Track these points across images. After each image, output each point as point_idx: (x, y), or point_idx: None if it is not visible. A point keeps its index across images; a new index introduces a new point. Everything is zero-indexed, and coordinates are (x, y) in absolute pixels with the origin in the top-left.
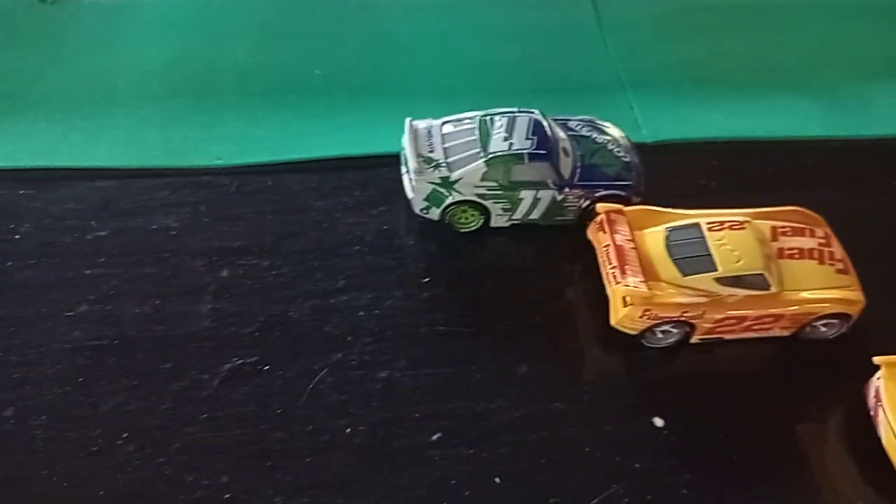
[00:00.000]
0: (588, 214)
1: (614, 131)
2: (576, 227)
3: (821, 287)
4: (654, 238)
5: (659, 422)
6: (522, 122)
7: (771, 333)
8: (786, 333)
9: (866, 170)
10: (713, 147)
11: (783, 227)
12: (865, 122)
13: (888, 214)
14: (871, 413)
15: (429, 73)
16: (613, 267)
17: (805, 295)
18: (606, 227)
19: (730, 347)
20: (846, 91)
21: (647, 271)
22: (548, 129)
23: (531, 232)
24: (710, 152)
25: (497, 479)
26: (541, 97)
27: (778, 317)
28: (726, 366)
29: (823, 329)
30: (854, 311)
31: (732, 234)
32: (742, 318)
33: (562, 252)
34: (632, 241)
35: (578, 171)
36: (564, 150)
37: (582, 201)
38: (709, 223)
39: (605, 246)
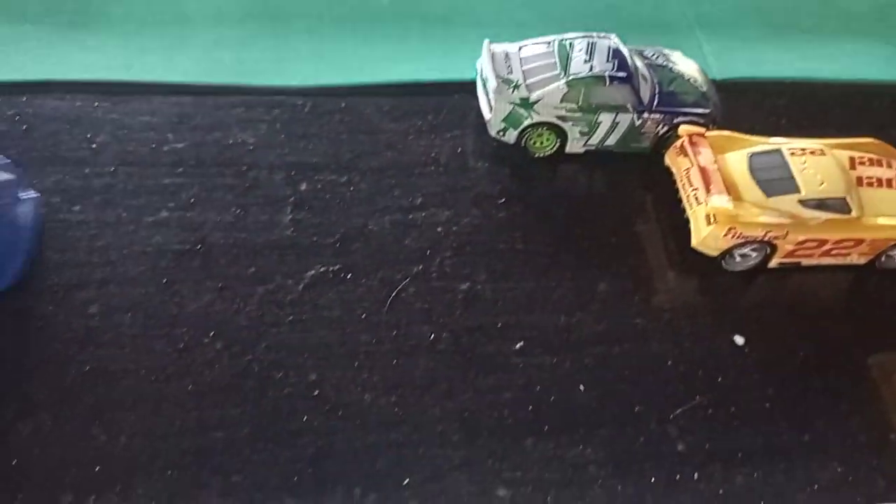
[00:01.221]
0: (662, 143)
1: (689, 63)
2: (648, 158)
3: None
4: (737, 162)
5: (740, 340)
6: (602, 46)
7: (848, 260)
8: (862, 261)
9: None
10: (781, 87)
11: (861, 157)
12: None
13: None
14: None
15: (499, 5)
16: (695, 189)
17: (885, 221)
18: (689, 150)
19: (807, 274)
20: None
21: (730, 193)
22: (627, 54)
23: (604, 160)
24: (779, 92)
25: (581, 387)
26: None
27: (858, 241)
28: (804, 291)
29: None
30: None
31: (814, 160)
32: (822, 242)
33: (636, 180)
34: (715, 162)
35: (657, 97)
36: (643, 76)
37: (660, 127)
38: (790, 149)
39: (687, 169)
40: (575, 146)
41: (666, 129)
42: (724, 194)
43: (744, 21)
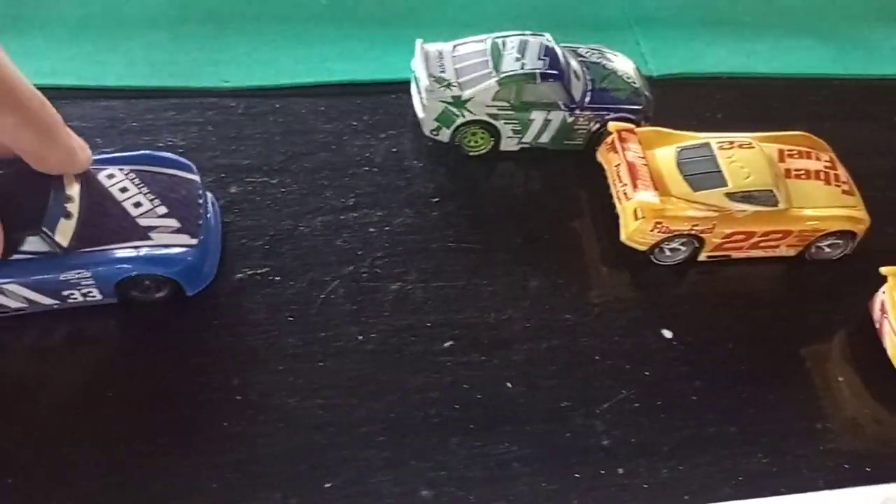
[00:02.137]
0: (596, 140)
1: (623, 59)
2: (584, 154)
3: (827, 206)
4: (666, 157)
5: (668, 333)
6: (535, 44)
7: (778, 252)
8: (792, 253)
9: (870, 107)
10: (719, 82)
11: (790, 149)
12: (869, 62)
13: (891, 146)
14: (877, 326)
15: (438, 5)
16: (624, 184)
17: (812, 212)
18: (618, 146)
19: (736, 267)
20: (851, 32)
21: (657, 188)
22: (559, 52)
23: (540, 157)
24: (716, 87)
25: (509, 384)
26: (548, 32)
27: (785, 233)
28: (734, 284)
29: (828, 249)
30: (859, 229)
31: (742, 153)
32: (750, 234)
33: (570, 177)
34: (643, 158)
35: (589, 94)
36: (575, 73)
37: (592, 124)
38: (719, 143)
39: (617, 165)
40: (509, 144)
41: (598, 126)
42: (651, 189)
43: (682, 18)
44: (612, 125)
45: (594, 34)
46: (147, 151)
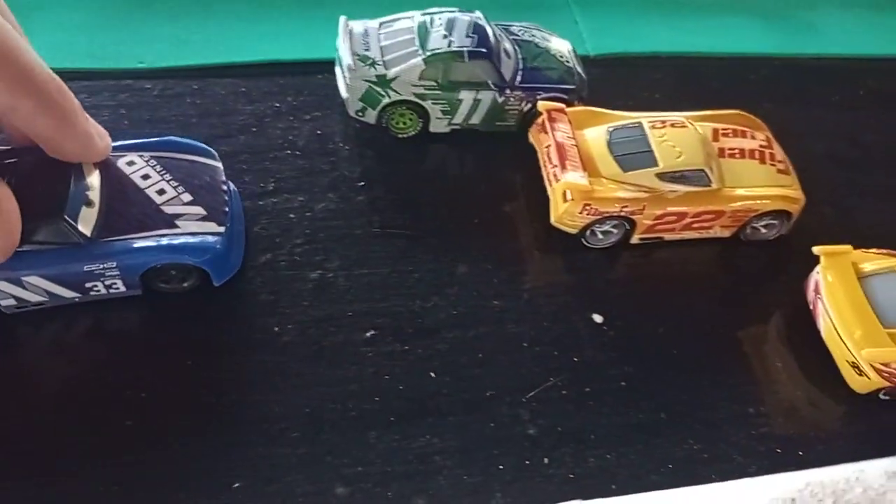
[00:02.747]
0: (530, 121)
1: (557, 39)
2: (517, 136)
3: (761, 185)
4: (596, 137)
5: (598, 318)
6: (463, 22)
7: (712, 233)
8: (727, 234)
9: (809, 86)
10: (658, 62)
11: (725, 128)
12: (809, 42)
13: (828, 127)
14: (811, 307)
15: None
16: (554, 166)
17: (745, 192)
18: (548, 127)
19: (671, 249)
20: (793, 11)
21: (588, 169)
22: (489, 29)
23: (472, 139)
24: (655, 67)
25: (433, 374)
26: (483, 11)
27: (718, 213)
28: (668, 266)
29: (764, 230)
30: (794, 208)
31: (674, 132)
32: (682, 215)
33: (503, 159)
34: (573, 139)
35: (520, 73)
36: (506, 51)
37: (523, 104)
38: (651, 122)
39: (547, 146)
40: (439, 126)
41: (530, 106)
42: (580, 170)
43: None
44: (541, 105)
45: (532, 13)
46: (168, 137)
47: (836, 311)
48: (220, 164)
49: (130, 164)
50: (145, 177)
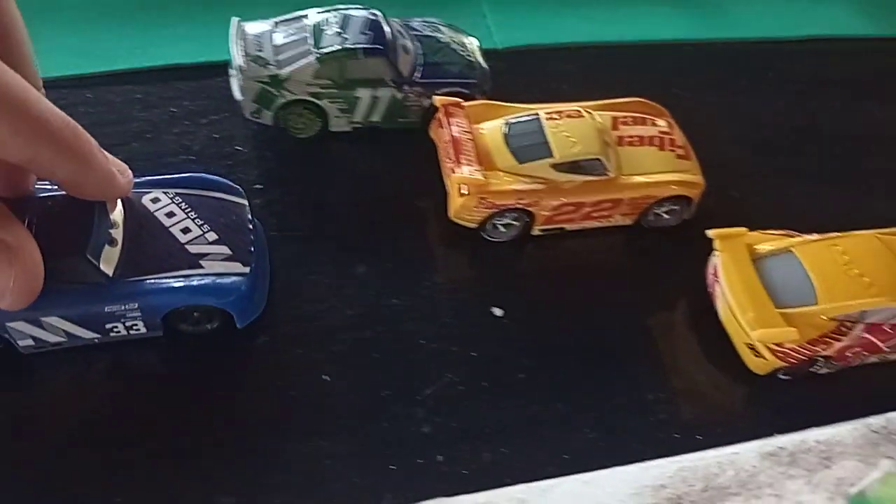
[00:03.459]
0: (431, 117)
1: (460, 33)
2: (422, 132)
3: (659, 171)
4: (493, 130)
5: (498, 312)
6: (358, 19)
7: (613, 222)
8: (628, 222)
9: (718, 71)
10: (567, 52)
11: (624, 117)
12: (719, 27)
13: (737, 110)
14: (710, 290)
15: None
16: (452, 161)
17: (643, 179)
18: (444, 121)
19: (575, 239)
20: None
21: (484, 162)
22: (385, 25)
23: (375, 137)
24: (564, 58)
25: (327, 377)
26: (391, 7)
27: (617, 202)
28: (571, 257)
29: (666, 216)
30: (693, 193)
31: (570, 122)
32: (580, 205)
33: (407, 156)
34: (469, 133)
35: (420, 69)
36: (404, 47)
37: (424, 100)
38: (547, 113)
39: (445, 141)
40: (339, 125)
41: (430, 102)
42: (475, 164)
43: None
44: (437, 100)
45: (440, 7)
46: (193, 174)
47: (731, 293)
48: (245, 202)
49: (155, 200)
50: (170, 214)
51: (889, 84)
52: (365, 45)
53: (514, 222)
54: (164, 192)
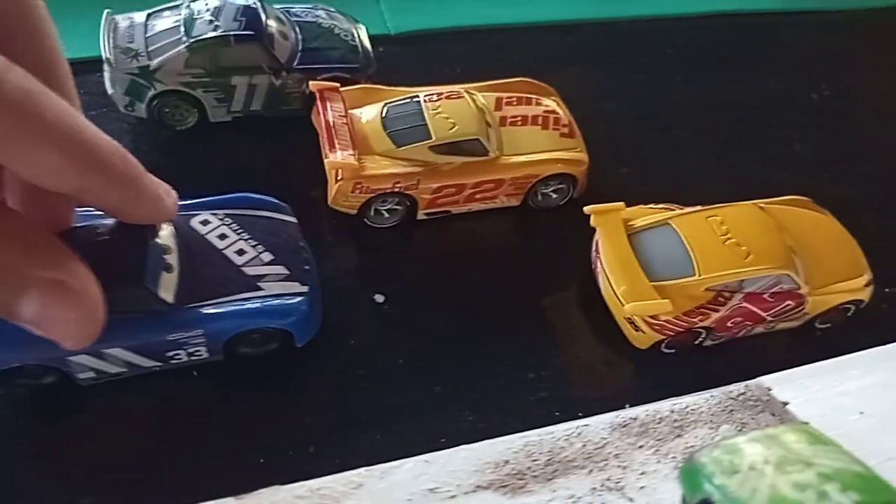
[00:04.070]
0: (313, 103)
1: (344, 18)
2: (307, 119)
3: (542, 150)
4: (371, 114)
5: (380, 298)
6: (232, 5)
7: (499, 203)
8: (515, 202)
9: (617, 49)
10: (460, 35)
11: (509, 97)
12: (619, 5)
13: (634, 88)
14: (593, 268)
15: None
16: (328, 146)
17: (525, 158)
18: (320, 107)
19: (463, 222)
20: None
21: (361, 147)
22: (260, 10)
23: (257, 125)
24: (458, 41)
25: (195, 373)
26: None
27: (499, 182)
28: (460, 239)
29: (553, 195)
30: (577, 171)
31: (449, 104)
32: (461, 187)
33: (292, 144)
34: (345, 117)
35: (299, 54)
36: (282, 33)
37: (305, 86)
38: (427, 96)
39: (322, 127)
40: (218, 115)
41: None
42: (349, 149)
43: None
44: (312, 85)
45: None
46: (241, 194)
47: (608, 268)
48: (295, 220)
49: (205, 223)
50: (222, 237)
51: (786, 56)
52: (236, 32)
53: (396, 207)
54: (213, 214)
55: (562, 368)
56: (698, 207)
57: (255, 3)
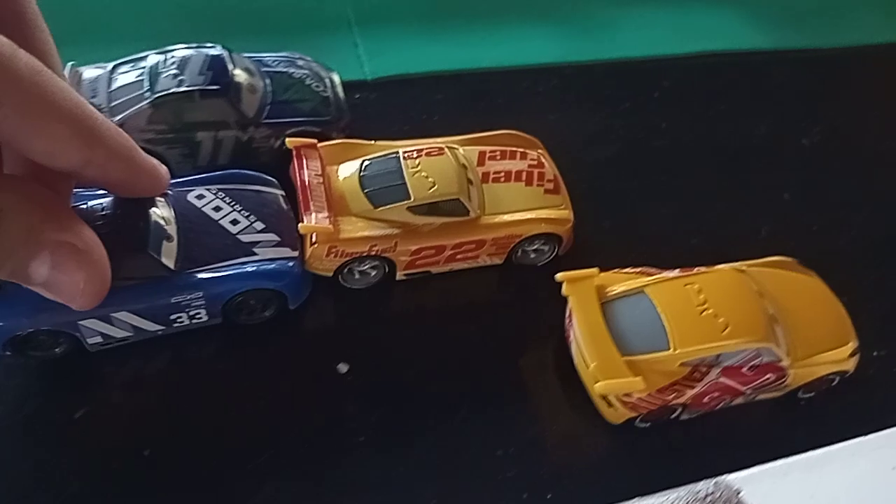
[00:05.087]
0: (286, 156)
1: (317, 66)
2: (278, 172)
3: (525, 209)
4: (349, 172)
5: (343, 368)
6: (198, 58)
7: (481, 262)
8: (498, 261)
9: (601, 92)
10: (439, 80)
11: (492, 151)
12: (603, 47)
13: (618, 132)
14: (567, 336)
15: (109, 14)
16: (303, 207)
17: (507, 218)
18: (297, 165)
19: (442, 281)
20: (583, 16)
21: (338, 207)
22: (228, 62)
23: None
24: (436, 86)
25: (146, 453)
26: (258, 37)
27: (480, 242)
28: (433, 302)
29: (534, 255)
30: (561, 230)
31: (429, 161)
32: (441, 248)
33: None
34: (321, 176)
35: (268, 108)
36: (250, 86)
37: (273, 141)
38: (406, 152)
39: (298, 186)
40: (183, 170)
41: (280, 142)
42: (324, 211)
43: (407, 14)
44: (289, 142)
45: (312, 35)
46: (232, 170)
47: (580, 340)
48: (283, 193)
49: (200, 197)
50: (217, 209)
51: (775, 97)
52: (201, 87)
53: (372, 271)
54: (207, 189)
55: (533, 443)
56: (676, 273)
57: (223, 54)
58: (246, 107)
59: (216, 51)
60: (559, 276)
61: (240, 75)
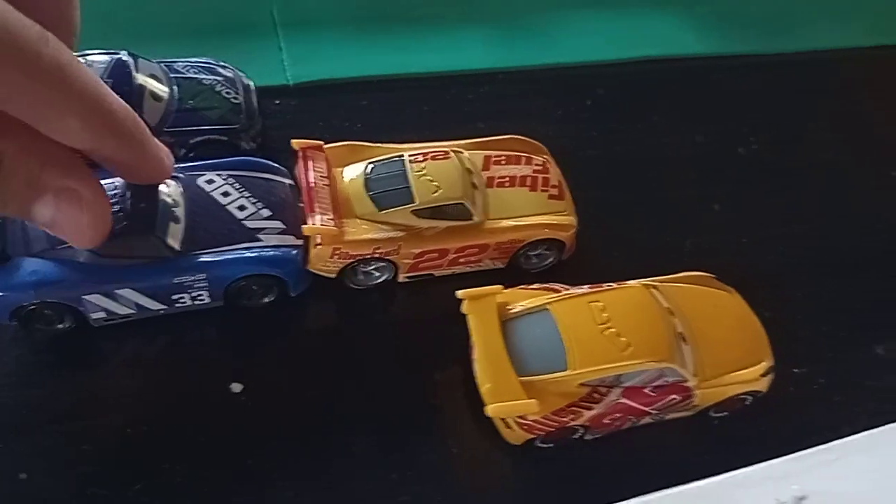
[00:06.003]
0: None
1: (231, 72)
2: None
3: (529, 214)
4: (355, 174)
5: (237, 387)
6: (99, 65)
7: (484, 266)
8: (500, 265)
9: (532, 100)
10: (363, 86)
11: (498, 155)
12: (538, 53)
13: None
14: (471, 356)
15: None
16: (307, 209)
17: (511, 223)
18: (302, 167)
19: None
20: (513, 22)
21: (342, 209)
22: (132, 68)
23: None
24: (360, 92)
25: (23, 475)
26: (181, 42)
27: (483, 247)
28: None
29: (536, 259)
30: (563, 236)
31: (434, 164)
32: (444, 251)
33: None
34: (326, 178)
35: (173, 116)
36: (154, 91)
37: (178, 150)
38: (412, 155)
39: (303, 188)
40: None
41: (184, 151)
42: (329, 213)
43: (335, 18)
44: (295, 143)
45: (236, 38)
46: (243, 157)
47: (477, 360)
48: (291, 182)
49: (210, 182)
50: (225, 194)
51: (715, 105)
52: None
53: (376, 272)
54: (218, 174)
55: (430, 466)
56: (583, 289)
57: (127, 59)
58: (148, 115)
59: (119, 56)
60: (460, 293)
61: (145, 80)
